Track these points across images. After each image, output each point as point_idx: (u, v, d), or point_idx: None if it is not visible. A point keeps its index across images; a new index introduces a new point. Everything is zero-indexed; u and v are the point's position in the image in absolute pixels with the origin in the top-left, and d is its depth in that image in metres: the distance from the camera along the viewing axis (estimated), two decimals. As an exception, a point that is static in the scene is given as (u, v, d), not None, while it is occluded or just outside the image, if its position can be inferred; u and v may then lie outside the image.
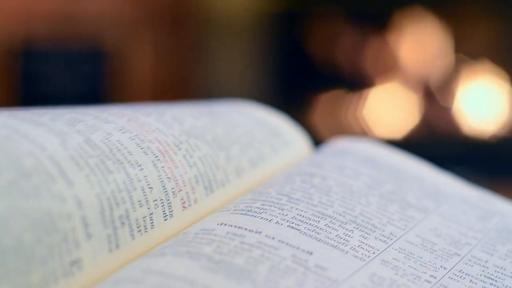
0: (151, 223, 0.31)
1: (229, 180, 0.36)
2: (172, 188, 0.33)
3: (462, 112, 1.65)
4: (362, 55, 1.67)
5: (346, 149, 0.43)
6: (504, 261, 0.34)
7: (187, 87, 1.72)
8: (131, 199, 0.30)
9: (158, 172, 0.32)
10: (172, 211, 0.32)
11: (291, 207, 0.34)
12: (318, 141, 0.50)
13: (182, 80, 1.73)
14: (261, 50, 1.67)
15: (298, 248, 0.30)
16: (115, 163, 0.30)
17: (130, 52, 1.69)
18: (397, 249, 0.33)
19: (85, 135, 0.31)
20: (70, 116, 0.32)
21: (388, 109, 1.67)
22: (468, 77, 1.66)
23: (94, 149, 0.30)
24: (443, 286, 0.31)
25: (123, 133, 0.32)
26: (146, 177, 0.31)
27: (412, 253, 0.33)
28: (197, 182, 0.34)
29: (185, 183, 0.33)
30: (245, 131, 0.40)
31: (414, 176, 0.41)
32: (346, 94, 1.67)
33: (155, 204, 0.31)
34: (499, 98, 1.65)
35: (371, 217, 0.35)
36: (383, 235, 0.33)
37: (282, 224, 0.32)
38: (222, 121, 0.39)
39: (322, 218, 0.33)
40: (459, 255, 0.34)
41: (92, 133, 0.31)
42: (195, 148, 0.35)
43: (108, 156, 0.30)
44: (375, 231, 0.34)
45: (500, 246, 0.35)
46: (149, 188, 0.31)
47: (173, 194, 0.33)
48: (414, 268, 0.32)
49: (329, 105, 1.67)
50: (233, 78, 1.67)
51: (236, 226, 0.31)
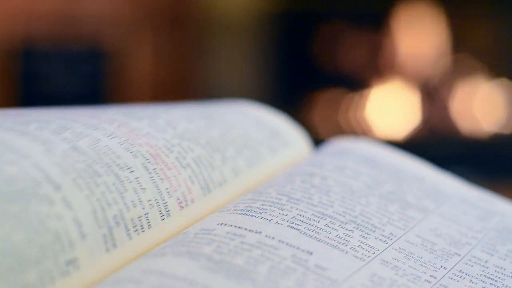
0: (148, 222, 0.31)
1: (226, 180, 0.36)
2: (167, 189, 0.33)
3: (462, 112, 1.65)
4: (362, 55, 1.67)
5: (346, 149, 0.43)
6: (504, 261, 0.34)
7: (187, 87, 1.72)
8: (123, 200, 0.31)
9: (150, 173, 0.33)
10: (168, 211, 0.33)
11: (291, 207, 0.34)
12: (318, 141, 0.50)
13: (182, 80, 1.73)
14: (261, 50, 1.67)
15: (298, 248, 0.30)
16: (103, 167, 0.31)
17: (130, 52, 1.69)
18: (397, 249, 0.33)
19: (71, 143, 0.31)
20: (58, 124, 0.32)
21: (388, 109, 1.67)
22: (468, 77, 1.66)
23: (81, 155, 0.31)
24: (443, 286, 0.31)
25: (112, 138, 0.33)
26: (137, 178, 0.32)
27: (412, 253, 0.33)
28: (192, 182, 0.34)
29: (180, 184, 0.34)
30: (242, 132, 0.40)
31: (414, 176, 0.41)
32: (346, 94, 1.67)
33: (149, 204, 0.32)
34: (499, 98, 1.65)
35: (371, 217, 0.35)
36: (383, 235, 0.33)
37: (282, 224, 0.32)
38: (218, 123, 0.39)
39: (322, 218, 0.33)
40: (459, 255, 0.34)
41: (78, 140, 0.32)
42: (188, 150, 0.35)
43: (95, 160, 0.31)
44: (375, 231, 0.34)
45: (500, 246, 0.35)
46: (141, 189, 0.32)
47: (168, 194, 0.33)
48: (414, 268, 0.32)
49: (329, 105, 1.67)
50: (233, 78, 1.67)
51: (236, 226, 0.31)
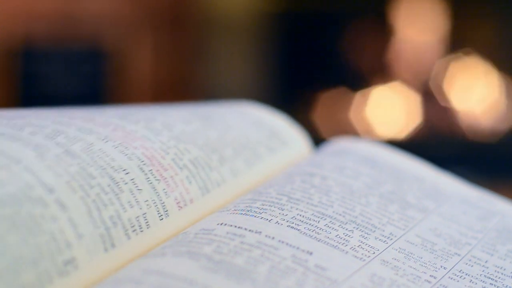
0: (146, 222, 0.31)
1: (225, 180, 0.36)
2: (164, 189, 0.33)
3: (462, 112, 1.65)
4: (363, 55, 1.67)
5: (346, 149, 0.43)
6: (504, 261, 0.34)
7: (187, 87, 1.72)
8: (119, 200, 0.31)
9: (146, 175, 0.33)
10: (167, 211, 0.33)
11: (291, 207, 0.34)
12: (318, 141, 0.50)
13: (182, 80, 1.73)
14: (261, 50, 1.67)
15: (298, 248, 0.30)
16: (97, 169, 0.31)
17: (130, 52, 1.69)
18: (397, 249, 0.33)
19: (64, 147, 0.31)
20: (52, 128, 0.33)
21: (389, 109, 1.67)
22: (468, 77, 1.66)
23: (74, 159, 0.31)
24: (443, 286, 0.31)
25: (106, 142, 0.33)
26: (133, 180, 0.32)
27: (412, 253, 0.33)
28: (190, 183, 0.35)
29: (177, 184, 0.34)
30: (240, 133, 0.40)
31: (414, 176, 0.41)
32: (347, 94, 1.67)
33: (147, 205, 0.32)
34: (500, 98, 1.65)
35: (371, 217, 0.35)
36: (383, 235, 0.33)
37: (282, 224, 0.32)
38: (216, 124, 0.40)
39: (322, 218, 0.33)
40: (459, 255, 0.34)
41: (72, 145, 0.32)
42: (184, 152, 0.36)
43: (89, 163, 0.31)
44: (375, 231, 0.34)
45: (500, 246, 0.35)
46: (137, 190, 0.32)
47: (166, 194, 0.33)
48: (414, 268, 0.32)
49: (329, 105, 1.67)
50: (233, 78, 1.67)
51: (236, 226, 0.31)
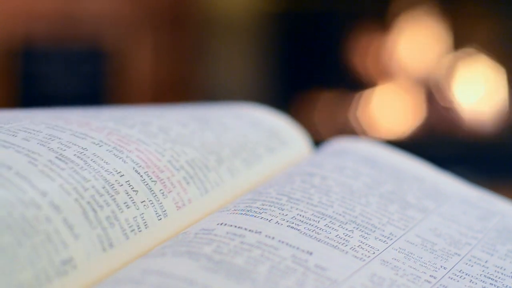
0: (144, 223, 0.32)
1: (224, 180, 0.37)
2: (160, 190, 0.33)
3: (462, 112, 1.65)
4: (363, 55, 1.67)
5: (346, 149, 0.43)
6: (504, 261, 0.34)
7: (187, 87, 1.72)
8: (115, 201, 0.31)
9: (141, 176, 0.33)
10: (165, 211, 0.33)
11: (291, 207, 0.34)
12: (318, 141, 0.50)
13: (182, 80, 1.72)
14: (261, 50, 1.67)
15: (298, 248, 0.30)
16: (91, 172, 0.31)
17: (130, 52, 1.69)
18: (397, 249, 0.33)
19: (57, 152, 0.32)
20: (45, 134, 0.33)
21: (388, 109, 1.67)
22: (468, 77, 1.66)
23: (67, 163, 0.31)
24: (443, 286, 0.31)
25: (100, 146, 0.33)
26: (128, 181, 0.32)
27: (412, 253, 0.33)
28: (188, 183, 0.35)
29: (175, 185, 0.34)
30: (238, 133, 0.41)
31: (414, 176, 0.41)
32: (347, 94, 1.67)
33: (144, 205, 0.32)
34: (499, 98, 1.65)
35: (371, 217, 0.35)
36: (383, 235, 0.33)
37: (282, 224, 0.32)
38: (213, 126, 0.40)
39: (322, 218, 0.33)
40: (459, 255, 0.34)
41: (64, 150, 0.32)
42: (180, 153, 0.36)
43: (82, 167, 0.31)
44: (375, 231, 0.34)
45: (500, 246, 0.35)
46: (133, 191, 0.32)
47: (163, 195, 0.33)
48: (414, 268, 0.32)
49: (329, 105, 1.67)
50: (233, 78, 1.67)
51: (236, 226, 0.31)
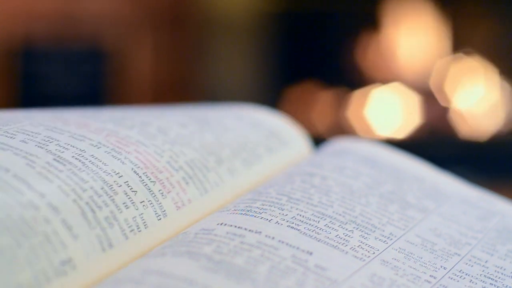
0: (144, 223, 0.32)
1: (223, 180, 0.37)
2: (160, 190, 0.33)
3: (462, 112, 1.65)
4: (363, 55, 1.67)
5: (346, 149, 0.43)
6: (504, 261, 0.34)
7: (187, 87, 1.72)
8: (114, 202, 0.31)
9: (140, 177, 0.33)
10: (164, 211, 0.33)
11: (291, 207, 0.34)
12: (318, 141, 0.50)
13: (182, 80, 1.73)
14: (261, 50, 1.67)
15: (298, 248, 0.30)
16: (89, 174, 0.31)
17: (130, 52, 1.69)
18: (397, 249, 0.33)
19: (55, 154, 0.32)
20: (44, 136, 0.33)
21: (388, 109, 1.67)
22: (468, 77, 1.66)
23: (65, 165, 0.31)
24: (443, 286, 0.31)
25: (98, 148, 0.34)
26: (127, 182, 0.32)
27: (412, 253, 0.33)
28: (187, 183, 0.35)
29: (174, 185, 0.34)
30: (237, 134, 0.41)
31: (414, 176, 0.41)
32: (347, 94, 1.67)
33: (143, 205, 0.32)
34: (499, 98, 1.65)
35: (371, 217, 0.35)
36: (383, 235, 0.33)
37: (282, 224, 0.32)
38: (212, 127, 0.40)
39: (322, 218, 0.33)
40: (459, 255, 0.34)
41: (62, 152, 0.32)
42: (179, 154, 0.36)
43: (80, 168, 0.32)
44: (375, 231, 0.34)
45: (500, 246, 0.35)
46: (132, 191, 0.32)
47: (162, 195, 0.33)
48: (414, 268, 0.32)
49: (329, 105, 1.67)
50: (233, 78, 1.67)
51: (236, 226, 0.31)
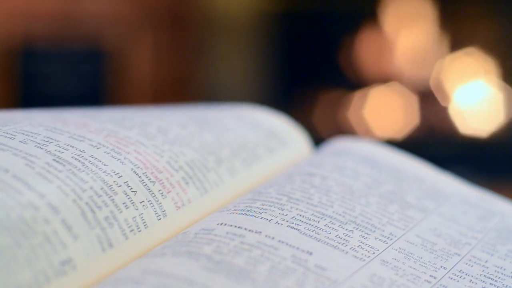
0: (144, 223, 0.32)
1: (223, 180, 0.37)
2: (160, 190, 0.33)
3: (461, 112, 1.65)
4: (363, 55, 1.67)
5: (346, 149, 0.43)
6: (504, 261, 0.34)
7: (187, 87, 1.72)
8: (114, 202, 0.31)
9: (140, 177, 0.33)
10: (164, 211, 0.33)
11: (291, 207, 0.34)
12: (318, 141, 0.50)
13: (182, 80, 1.73)
14: (261, 50, 1.67)
15: (298, 248, 0.30)
16: (88, 174, 0.31)
17: (130, 52, 1.69)
18: (397, 249, 0.33)
19: (55, 155, 0.32)
20: (43, 136, 0.33)
21: (388, 109, 1.67)
22: (467, 77, 1.66)
23: (64, 165, 0.31)
24: (443, 286, 0.31)
25: (98, 148, 0.34)
26: (126, 182, 0.32)
27: (412, 253, 0.33)
28: (187, 183, 0.35)
29: (174, 185, 0.34)
30: (237, 134, 0.41)
31: (414, 176, 0.41)
32: (347, 94, 1.67)
33: (143, 205, 0.32)
34: (499, 98, 1.65)
35: (371, 217, 0.35)
36: (383, 235, 0.33)
37: (282, 224, 0.32)
38: (212, 127, 0.40)
39: (322, 218, 0.33)
40: (459, 255, 0.34)
41: (62, 152, 0.32)
42: (179, 154, 0.36)
43: (80, 169, 0.32)
44: (375, 231, 0.34)
45: (500, 246, 0.35)
46: (132, 192, 0.32)
47: (162, 195, 0.33)
48: (414, 268, 0.32)
49: (329, 105, 1.67)
50: (233, 78, 1.67)
51: (236, 226, 0.31)
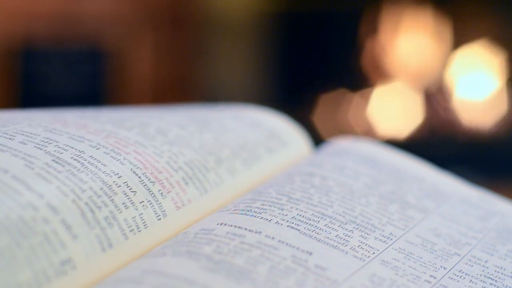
0: (143, 223, 0.32)
1: (223, 180, 0.37)
2: (159, 190, 0.33)
3: (462, 112, 1.65)
4: (363, 55, 1.67)
5: (346, 149, 0.43)
6: (504, 261, 0.34)
7: (187, 87, 1.72)
8: (113, 202, 0.31)
9: (139, 178, 0.33)
10: (164, 211, 0.33)
11: (291, 207, 0.34)
12: (318, 141, 0.50)
13: (182, 80, 1.73)
14: (261, 50, 1.67)
15: (298, 248, 0.30)
16: (88, 174, 0.32)
17: (130, 52, 1.69)
18: (397, 249, 0.33)
19: (54, 155, 0.32)
20: (43, 137, 0.33)
21: (388, 109, 1.67)
22: (468, 77, 1.66)
23: (64, 166, 0.31)
24: (443, 286, 0.31)
25: (97, 149, 0.34)
26: (126, 183, 0.32)
27: (412, 253, 0.33)
28: (186, 184, 0.35)
29: (173, 185, 0.34)
30: (237, 135, 0.41)
31: (414, 176, 0.41)
32: (347, 94, 1.67)
33: (142, 206, 0.32)
34: (499, 98, 1.65)
35: (371, 217, 0.35)
36: (383, 235, 0.33)
37: (282, 224, 0.32)
38: (212, 127, 0.40)
39: (322, 218, 0.33)
40: (459, 255, 0.34)
41: (61, 153, 0.32)
42: (179, 155, 0.36)
43: (79, 169, 0.32)
44: (375, 231, 0.34)
45: (500, 246, 0.35)
46: (131, 192, 0.32)
47: (162, 195, 0.33)
48: (414, 268, 0.32)
49: (329, 105, 1.67)
50: (233, 78, 1.67)
51: (236, 226, 0.31)
